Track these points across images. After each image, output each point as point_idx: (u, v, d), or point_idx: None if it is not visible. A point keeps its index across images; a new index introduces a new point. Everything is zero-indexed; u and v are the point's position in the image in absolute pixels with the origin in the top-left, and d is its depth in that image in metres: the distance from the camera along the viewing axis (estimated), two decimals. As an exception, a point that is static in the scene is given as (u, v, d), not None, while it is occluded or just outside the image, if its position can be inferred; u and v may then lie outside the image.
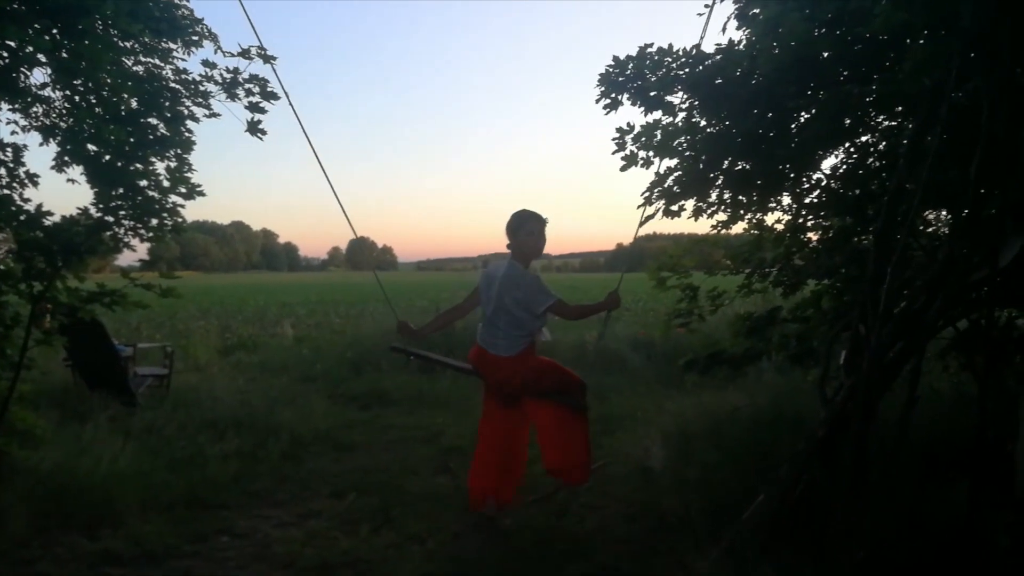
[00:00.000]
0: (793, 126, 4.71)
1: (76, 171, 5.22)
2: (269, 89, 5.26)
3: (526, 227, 4.41)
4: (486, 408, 4.58)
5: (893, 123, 4.83)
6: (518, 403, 4.45)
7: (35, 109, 5.20)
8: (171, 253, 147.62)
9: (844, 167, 5.15)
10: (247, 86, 5.21)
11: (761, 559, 3.08)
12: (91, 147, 5.06)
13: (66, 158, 5.19)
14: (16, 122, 5.23)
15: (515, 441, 4.53)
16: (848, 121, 4.50)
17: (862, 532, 2.89)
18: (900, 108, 4.50)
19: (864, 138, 5.04)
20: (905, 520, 3.07)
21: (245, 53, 5.07)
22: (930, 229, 5.11)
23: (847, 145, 5.03)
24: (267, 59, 5.10)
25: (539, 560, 3.72)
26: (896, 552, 2.91)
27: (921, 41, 3.91)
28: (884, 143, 4.95)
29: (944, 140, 3.20)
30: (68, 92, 5.16)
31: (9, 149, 5.07)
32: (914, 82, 3.57)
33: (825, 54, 4.30)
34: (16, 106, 5.11)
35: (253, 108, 5.27)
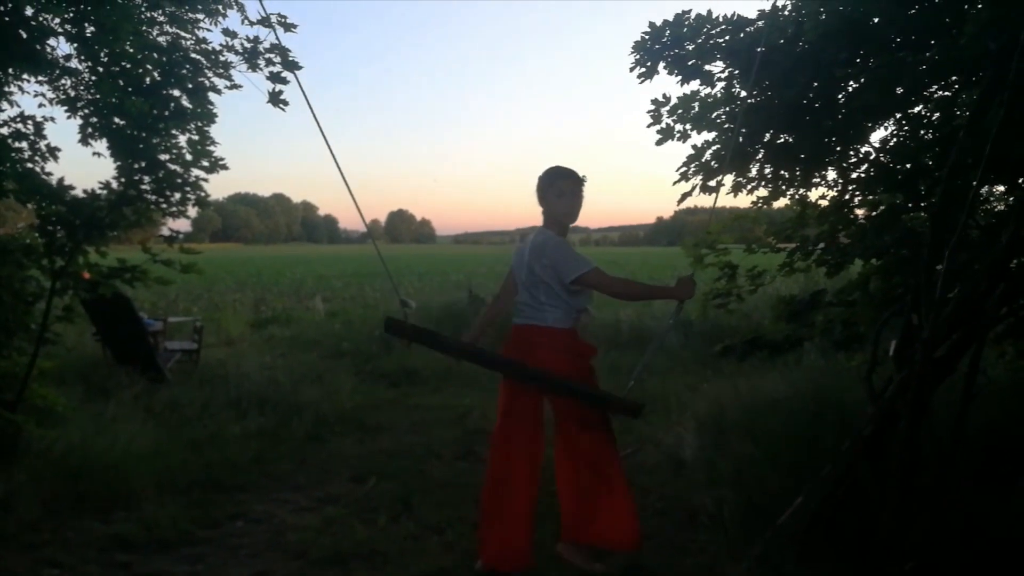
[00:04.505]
0: (840, 96, 4.45)
1: (101, 145, 5.14)
2: (291, 58, 5.10)
3: (556, 186, 3.53)
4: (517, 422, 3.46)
5: (948, 93, 4.52)
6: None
7: (63, 82, 5.10)
8: (212, 224, 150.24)
9: (895, 140, 4.87)
10: (267, 56, 5.05)
11: (799, 568, 2.86)
12: (116, 120, 4.97)
13: (90, 131, 5.09)
14: (43, 95, 5.15)
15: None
16: (900, 91, 4.21)
17: (911, 540, 2.65)
18: (956, 77, 4.21)
19: (917, 109, 4.73)
20: (959, 525, 2.82)
21: (264, 21, 4.90)
22: (989, 207, 4.79)
23: (898, 116, 4.75)
24: (287, 27, 4.93)
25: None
26: (949, 562, 2.67)
27: (980, 5, 3.62)
28: (938, 114, 4.64)
29: (1009, 109, 2.91)
30: (91, 64, 5.06)
31: (30, 123, 4.99)
32: (976, 47, 3.28)
33: (876, 19, 4.03)
34: (42, 79, 5.03)
35: (274, 79, 5.12)
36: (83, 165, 6.08)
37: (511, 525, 3.35)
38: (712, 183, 4.99)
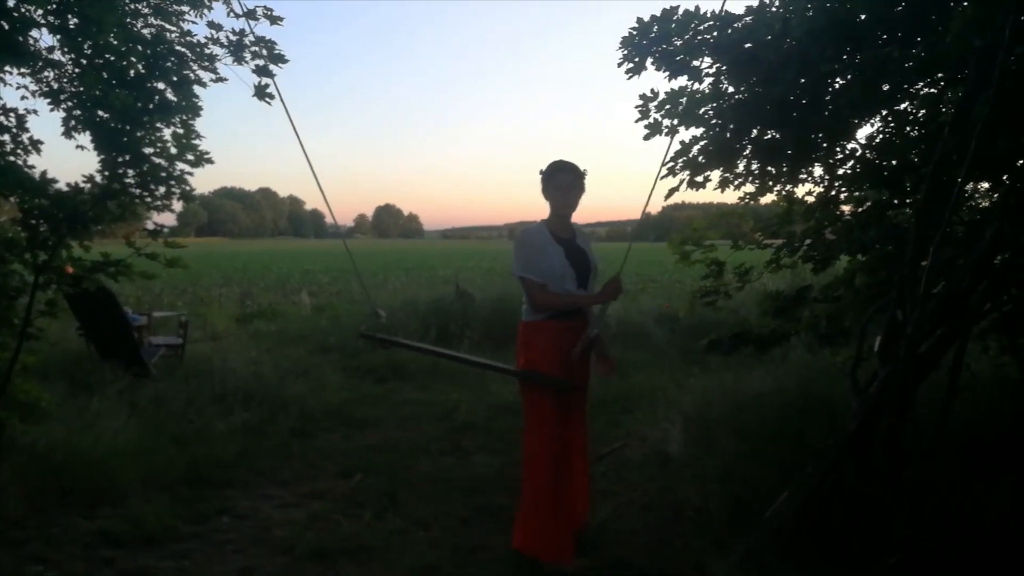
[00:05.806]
0: (827, 93, 4.44)
1: (84, 138, 5.08)
2: (277, 52, 5.06)
3: (554, 179, 3.68)
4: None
5: (934, 90, 4.54)
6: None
7: (46, 74, 5.05)
8: (198, 219, 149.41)
9: (881, 136, 4.87)
10: (253, 48, 5.01)
11: (784, 564, 2.87)
12: (100, 112, 4.92)
13: (73, 123, 5.04)
14: (26, 87, 5.08)
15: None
16: (886, 87, 4.22)
17: (895, 535, 2.66)
18: (941, 74, 4.22)
19: (903, 105, 4.75)
20: (943, 520, 2.84)
21: (251, 14, 4.86)
22: (974, 203, 4.81)
23: (884, 113, 4.76)
24: (273, 20, 4.91)
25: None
26: (932, 556, 2.69)
27: (965, 3, 3.63)
28: (924, 111, 4.66)
29: (994, 107, 2.92)
30: (75, 56, 5.00)
31: (12, 115, 4.93)
32: (962, 44, 3.29)
33: (862, 16, 4.03)
34: (25, 71, 4.97)
35: (261, 72, 5.08)
36: (67, 159, 6.03)
37: None
38: (699, 179, 5.00)
